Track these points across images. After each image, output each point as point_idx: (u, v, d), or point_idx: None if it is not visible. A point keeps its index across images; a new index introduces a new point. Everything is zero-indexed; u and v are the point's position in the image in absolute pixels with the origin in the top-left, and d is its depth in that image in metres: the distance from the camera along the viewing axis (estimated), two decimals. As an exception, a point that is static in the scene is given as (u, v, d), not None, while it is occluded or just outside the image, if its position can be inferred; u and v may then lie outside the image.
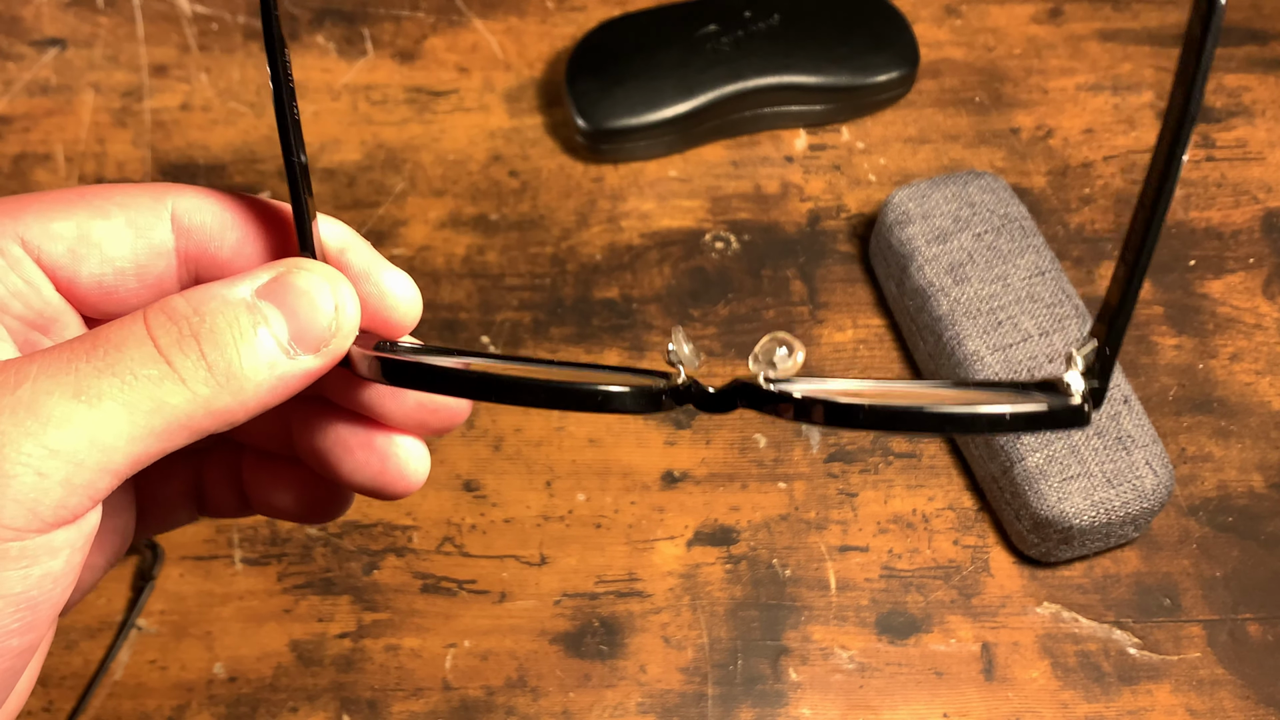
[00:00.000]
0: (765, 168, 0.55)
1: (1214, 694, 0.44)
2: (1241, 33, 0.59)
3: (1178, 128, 0.19)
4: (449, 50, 0.59)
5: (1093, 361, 0.21)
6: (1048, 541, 0.45)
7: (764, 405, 0.23)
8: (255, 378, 0.22)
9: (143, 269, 0.25)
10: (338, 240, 0.25)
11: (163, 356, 0.21)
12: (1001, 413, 0.21)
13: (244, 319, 0.22)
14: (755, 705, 0.44)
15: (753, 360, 0.23)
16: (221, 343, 0.22)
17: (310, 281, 0.23)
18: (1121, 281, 0.21)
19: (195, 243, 0.25)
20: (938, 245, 0.49)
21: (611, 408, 0.23)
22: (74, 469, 0.20)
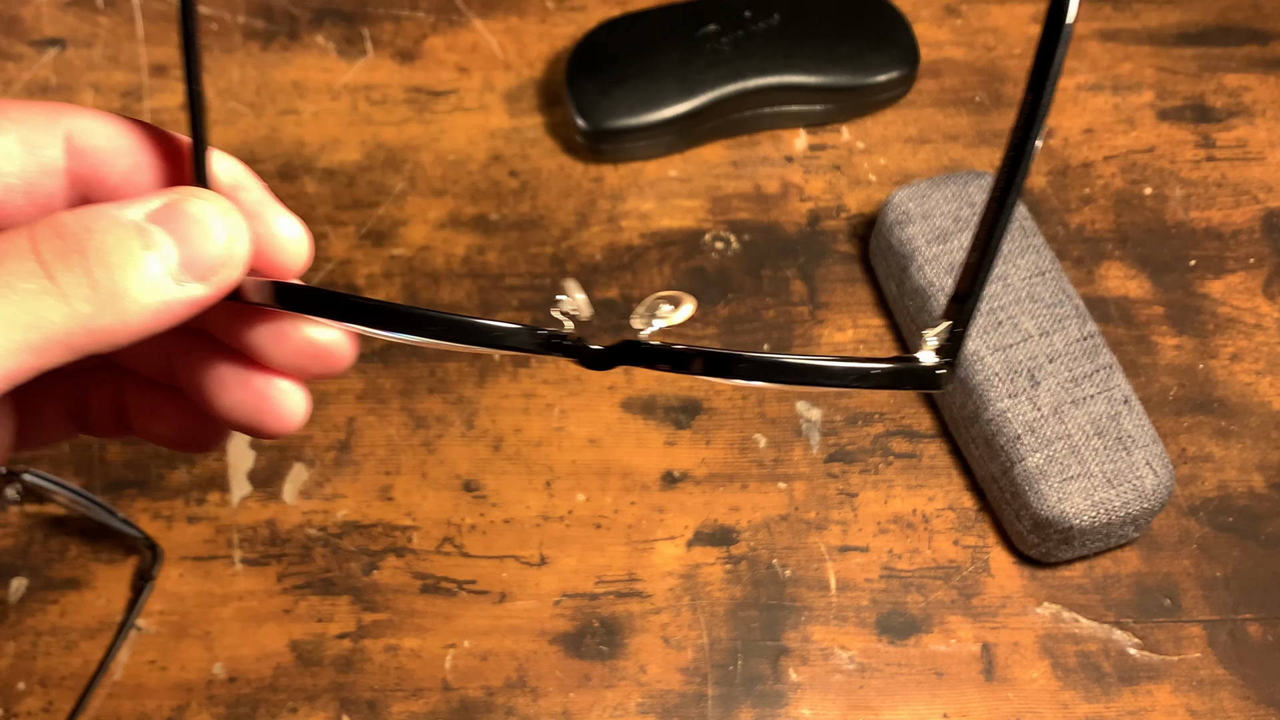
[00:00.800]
0: (765, 168, 0.55)
1: (1214, 694, 0.44)
2: (1242, 32, 0.59)
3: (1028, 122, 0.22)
4: (449, 50, 0.59)
5: (945, 340, 0.24)
6: (1048, 542, 0.45)
7: (645, 361, 0.24)
8: (140, 300, 0.22)
9: (31, 187, 0.24)
10: (231, 177, 0.25)
11: (45, 271, 0.21)
12: (867, 368, 0.23)
13: (133, 240, 0.22)
14: (755, 705, 0.44)
15: (636, 316, 0.24)
16: (109, 262, 0.22)
17: (204, 210, 0.23)
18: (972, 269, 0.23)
19: (87, 165, 0.25)
20: (938, 245, 0.49)
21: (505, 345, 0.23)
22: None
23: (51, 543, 0.47)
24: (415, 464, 0.49)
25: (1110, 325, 0.51)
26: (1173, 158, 0.56)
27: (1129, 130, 0.56)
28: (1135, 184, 0.55)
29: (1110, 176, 0.55)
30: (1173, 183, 0.55)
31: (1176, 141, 0.56)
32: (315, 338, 0.26)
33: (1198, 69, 0.58)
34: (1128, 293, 0.52)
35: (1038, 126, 0.21)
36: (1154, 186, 0.55)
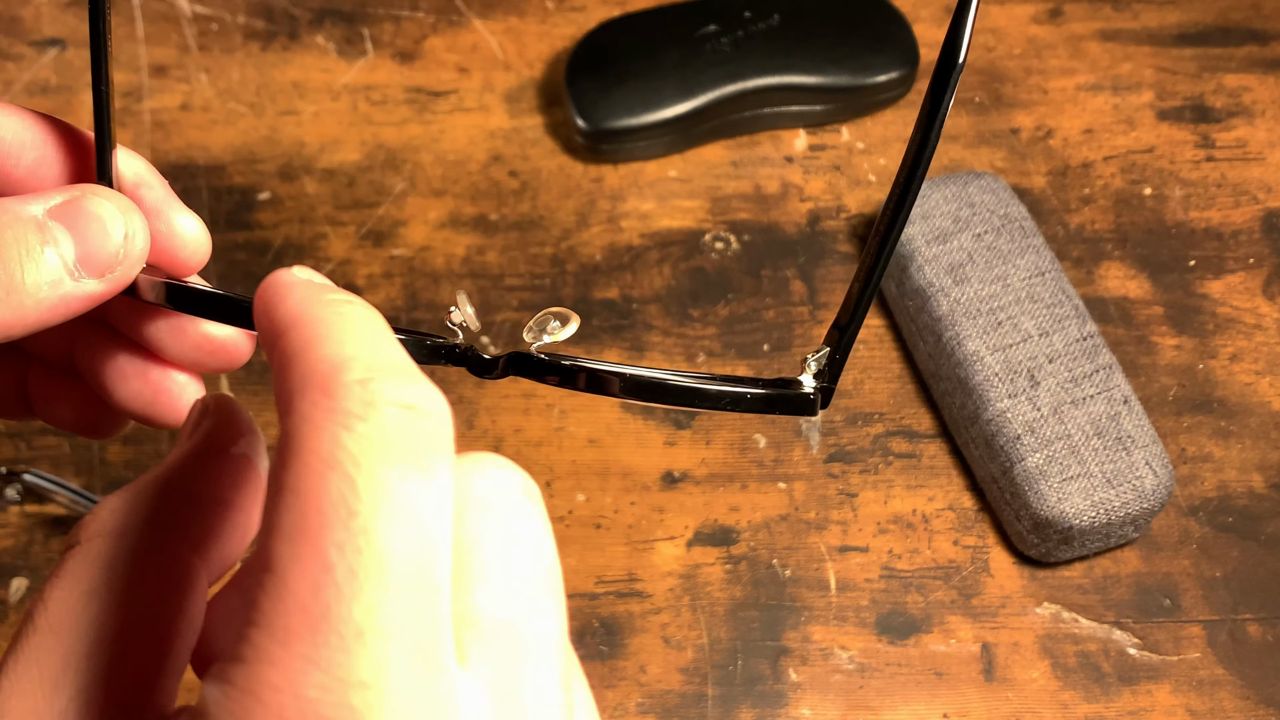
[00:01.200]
0: (765, 168, 0.55)
1: (1214, 694, 0.44)
2: (1242, 32, 0.59)
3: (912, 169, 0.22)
4: (449, 50, 0.59)
5: (824, 365, 0.24)
6: (1048, 542, 0.45)
7: (533, 373, 0.25)
8: (36, 294, 0.23)
9: None
10: (134, 175, 0.25)
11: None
12: (743, 392, 0.24)
13: (32, 236, 0.23)
14: (755, 706, 0.44)
15: (527, 330, 0.25)
16: (5, 256, 0.22)
17: (103, 207, 0.24)
18: (853, 300, 0.23)
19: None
20: (938, 245, 0.49)
21: None
22: None
23: (52, 543, 0.47)
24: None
25: (1110, 325, 0.51)
26: (1172, 158, 0.56)
27: (1129, 130, 0.56)
28: (1135, 184, 0.55)
29: (1110, 176, 0.55)
30: (1172, 183, 0.55)
31: (1176, 142, 0.56)
32: (212, 334, 0.26)
33: (1197, 69, 0.58)
34: (1127, 293, 0.52)
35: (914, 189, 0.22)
36: (1154, 187, 0.55)
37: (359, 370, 0.18)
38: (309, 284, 0.21)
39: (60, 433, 0.49)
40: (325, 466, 0.17)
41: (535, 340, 0.25)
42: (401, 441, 0.18)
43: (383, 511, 0.17)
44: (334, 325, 0.20)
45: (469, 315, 0.25)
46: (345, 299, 0.21)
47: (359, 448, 0.18)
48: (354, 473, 0.17)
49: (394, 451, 0.18)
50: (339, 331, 0.19)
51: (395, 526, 0.17)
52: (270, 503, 0.18)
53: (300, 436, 0.18)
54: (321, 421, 0.18)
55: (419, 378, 0.19)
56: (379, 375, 0.18)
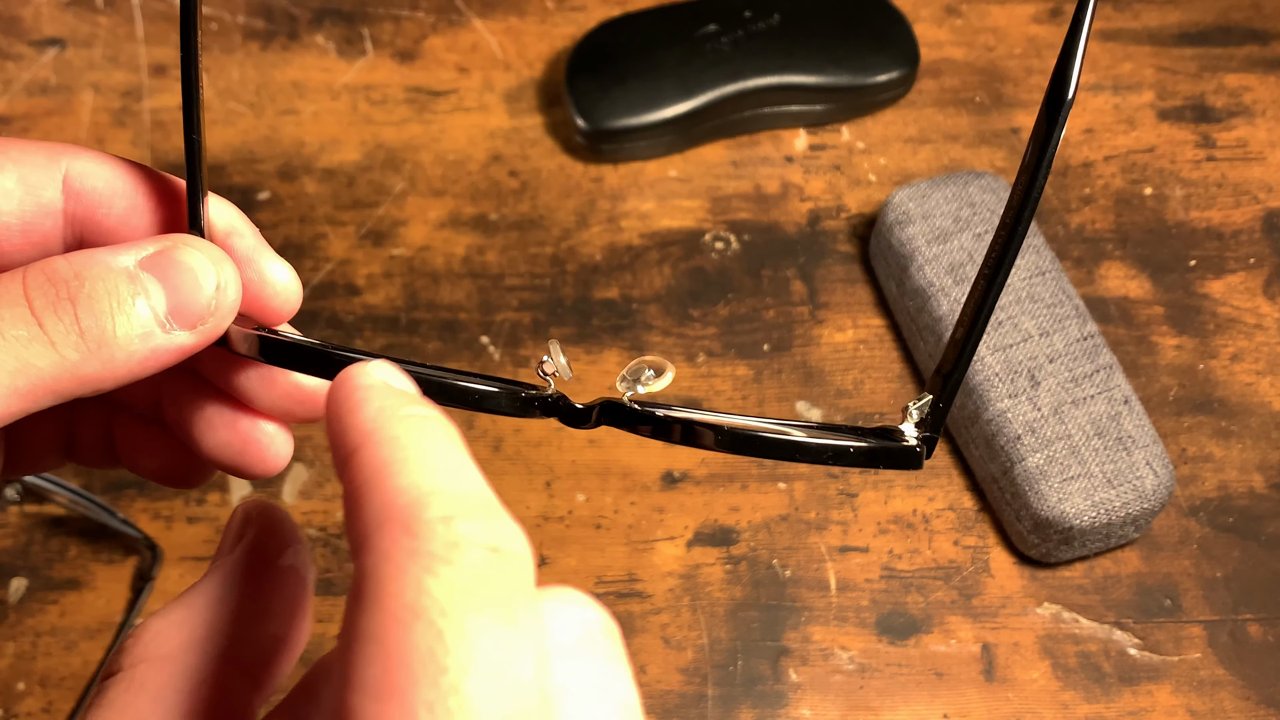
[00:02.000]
0: (765, 168, 0.55)
1: (1214, 694, 0.44)
2: (1242, 32, 0.59)
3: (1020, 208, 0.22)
4: (449, 50, 0.59)
5: (926, 414, 0.24)
6: (1048, 542, 0.45)
7: (626, 423, 0.24)
8: (127, 348, 0.22)
9: (29, 226, 0.24)
10: (226, 222, 0.25)
11: (35, 318, 0.22)
12: (846, 445, 0.23)
13: (124, 288, 0.22)
14: (755, 706, 0.44)
15: (620, 380, 0.25)
16: (97, 309, 0.22)
17: (195, 258, 0.23)
18: (958, 346, 0.23)
19: (84, 206, 0.25)
20: (938, 245, 0.49)
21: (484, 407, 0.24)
22: None
23: (51, 543, 0.47)
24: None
25: (1110, 325, 0.51)
26: (1173, 158, 0.56)
27: (1129, 130, 0.56)
28: (1135, 184, 0.55)
29: (1110, 176, 0.55)
30: (1173, 183, 0.55)
31: (1177, 141, 0.56)
32: (302, 384, 0.26)
33: (1198, 69, 0.58)
34: (1128, 293, 0.52)
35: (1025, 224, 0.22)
36: (1154, 186, 0.55)
37: (442, 507, 0.18)
38: (387, 391, 0.21)
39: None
40: (411, 615, 0.17)
41: (629, 390, 0.25)
42: (487, 587, 0.17)
43: (474, 668, 0.17)
44: (413, 449, 0.19)
45: (561, 365, 0.25)
46: (424, 414, 0.20)
47: (445, 595, 0.17)
48: (441, 624, 0.17)
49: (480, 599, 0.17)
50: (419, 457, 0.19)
51: (486, 684, 0.17)
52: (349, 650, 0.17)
53: (381, 579, 0.17)
54: (404, 563, 0.17)
55: (502, 515, 0.19)
56: (463, 513, 0.18)
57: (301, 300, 0.26)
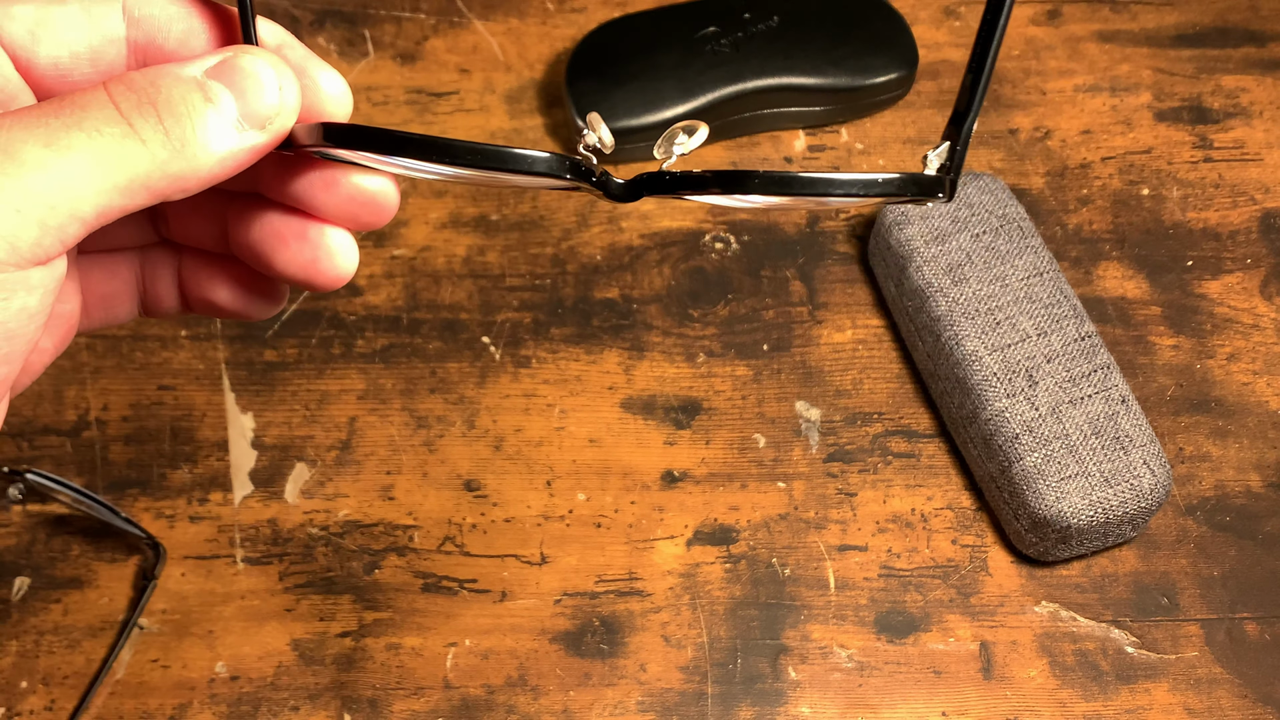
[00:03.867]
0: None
1: (1211, 693, 0.45)
2: (1239, 34, 0.59)
3: None
4: (449, 51, 0.59)
5: (945, 158, 0.26)
6: (1046, 541, 0.45)
7: (667, 190, 0.25)
8: (208, 148, 0.24)
9: (96, 54, 0.26)
10: (275, 38, 0.27)
11: (124, 118, 0.23)
12: (874, 179, 0.25)
13: (195, 95, 0.24)
14: (755, 704, 0.45)
15: (657, 148, 0.26)
16: (177, 113, 0.24)
17: (256, 64, 0.25)
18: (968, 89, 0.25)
19: (144, 32, 0.26)
20: (936, 246, 0.49)
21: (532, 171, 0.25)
22: (48, 211, 0.22)
23: (54, 542, 0.47)
24: (416, 463, 0.49)
25: (1108, 325, 0.51)
26: (1170, 159, 0.56)
27: (1126, 131, 0.56)
28: (1133, 185, 0.55)
29: (1108, 177, 0.55)
30: (1170, 183, 0.55)
31: (1174, 142, 0.56)
32: (363, 185, 0.27)
33: (1195, 70, 0.58)
34: (1125, 293, 0.52)
35: None
36: (1151, 187, 0.55)
37: None
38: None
39: (62, 431, 0.49)
40: None
41: (666, 157, 0.26)
42: None
43: None
44: None
45: (602, 136, 0.26)
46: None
47: None
48: None
49: None
50: None
51: None
52: None
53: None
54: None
55: None
56: None
57: (352, 104, 0.28)
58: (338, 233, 0.28)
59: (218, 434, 0.49)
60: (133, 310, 0.31)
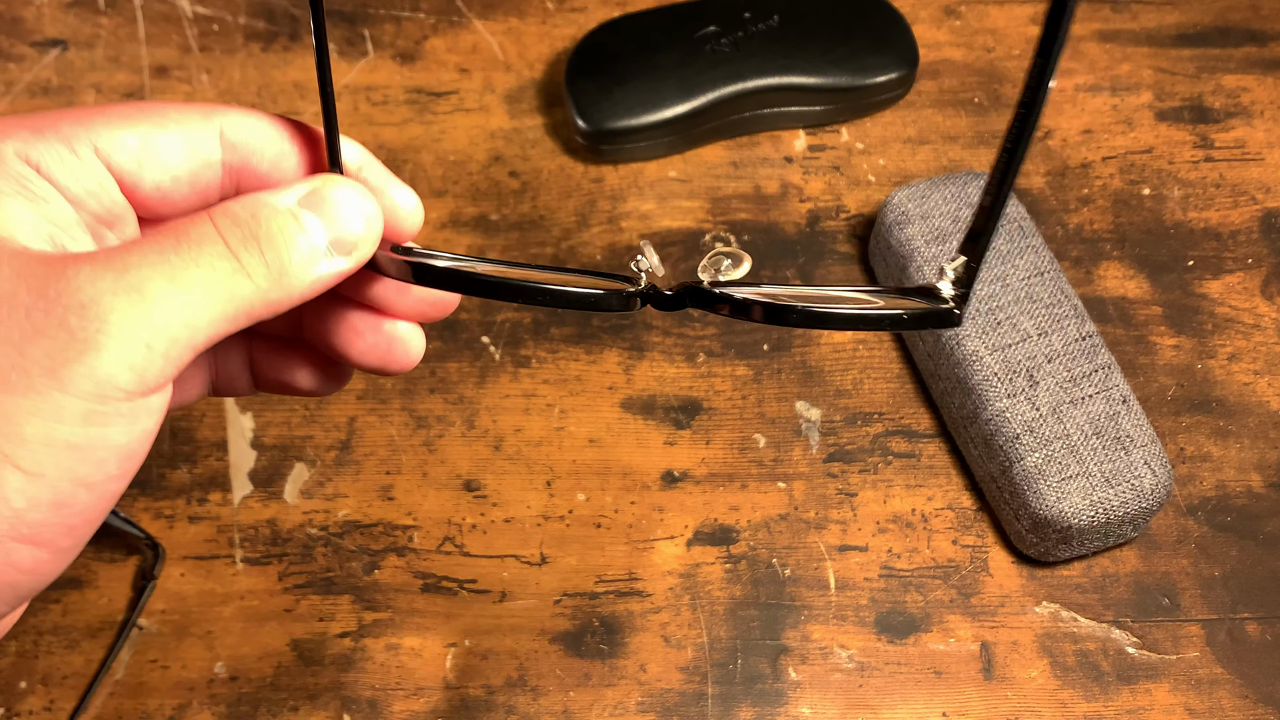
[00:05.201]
0: (765, 168, 0.56)
1: (1212, 693, 0.45)
2: (1240, 33, 0.59)
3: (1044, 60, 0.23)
4: (449, 51, 0.59)
5: (961, 273, 0.26)
6: (1046, 541, 0.45)
7: (709, 305, 0.27)
8: (302, 275, 0.26)
9: (195, 177, 0.28)
10: (356, 160, 0.29)
11: (232, 254, 0.25)
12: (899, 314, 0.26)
13: (291, 225, 0.26)
14: (755, 704, 0.45)
15: (701, 269, 0.28)
16: (275, 244, 0.26)
17: (345, 194, 0.27)
18: (985, 210, 0.25)
19: (239, 156, 0.28)
20: (937, 245, 0.49)
21: (598, 307, 0.28)
22: (170, 343, 0.24)
23: (53, 542, 0.47)
24: (416, 464, 0.49)
25: (1108, 325, 0.51)
26: (1171, 158, 0.56)
27: (1127, 131, 0.56)
28: (1133, 184, 0.55)
29: (1109, 177, 0.55)
30: (1171, 183, 0.55)
31: (1175, 142, 0.56)
32: (430, 293, 0.30)
33: (1196, 70, 0.58)
34: (1126, 293, 0.52)
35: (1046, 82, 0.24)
36: (1152, 187, 0.55)
37: None
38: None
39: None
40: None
41: (711, 278, 0.28)
42: None
43: None
44: None
45: (655, 264, 0.28)
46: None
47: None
48: None
49: None
50: None
51: None
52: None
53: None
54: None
55: None
56: None
57: (423, 217, 0.30)
58: (408, 325, 0.31)
59: (217, 434, 0.49)
60: (203, 392, 0.33)
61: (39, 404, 0.22)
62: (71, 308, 0.23)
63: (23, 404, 0.22)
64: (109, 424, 0.23)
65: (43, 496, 0.23)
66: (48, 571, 0.24)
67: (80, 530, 0.24)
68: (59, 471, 0.23)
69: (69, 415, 0.23)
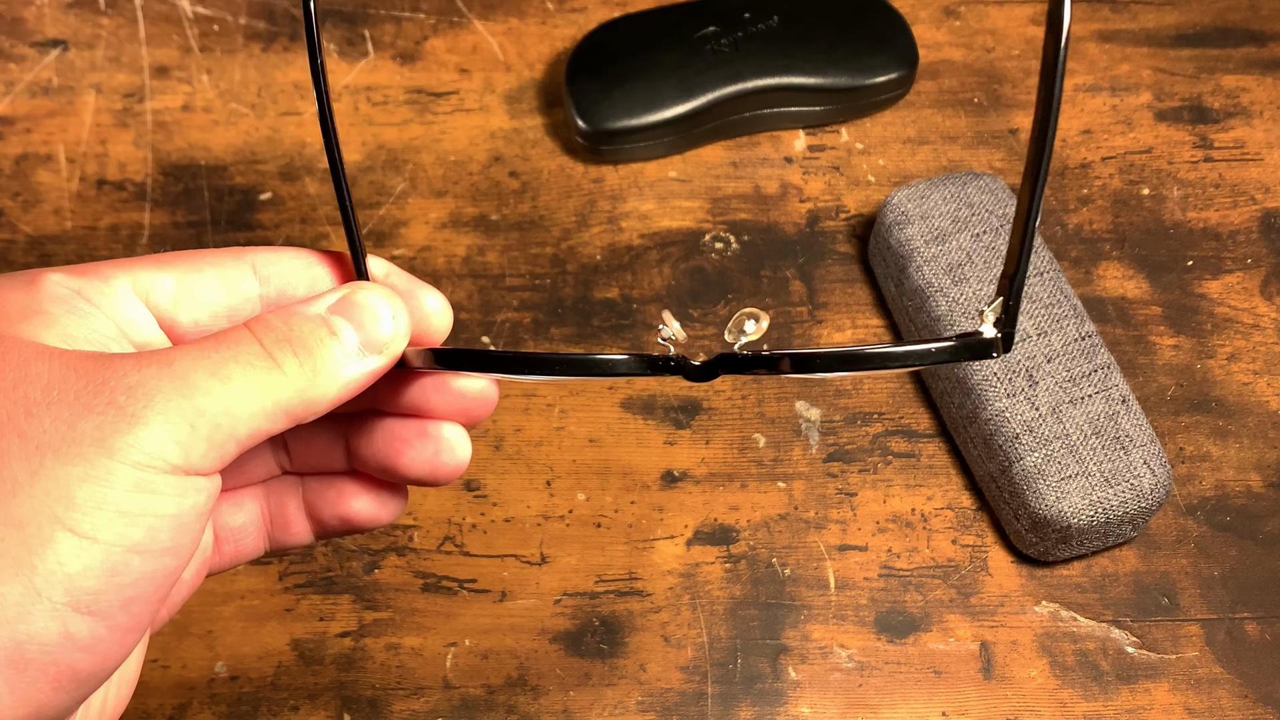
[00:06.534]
0: (765, 168, 0.56)
1: (1212, 693, 0.45)
2: (1240, 34, 0.59)
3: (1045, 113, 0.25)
4: (449, 51, 0.59)
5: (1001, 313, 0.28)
6: (1046, 541, 0.45)
7: (743, 369, 0.29)
8: (336, 375, 0.28)
9: (234, 311, 0.30)
10: (381, 269, 0.31)
11: (268, 354, 0.27)
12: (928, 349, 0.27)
13: (322, 330, 0.28)
14: (755, 704, 0.45)
15: (728, 333, 0.29)
16: (309, 346, 0.27)
17: (371, 298, 0.29)
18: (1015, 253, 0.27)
19: (276, 288, 0.30)
20: (936, 246, 0.49)
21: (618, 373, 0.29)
22: (214, 429, 0.25)
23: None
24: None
25: (1108, 325, 0.51)
26: (1170, 158, 0.56)
27: (1127, 131, 0.56)
28: (1133, 184, 0.55)
29: (1108, 177, 0.55)
30: (1170, 183, 0.55)
31: (1174, 142, 0.56)
32: (468, 388, 0.31)
33: (1195, 70, 0.58)
34: (1125, 293, 0.52)
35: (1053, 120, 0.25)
36: (1152, 187, 0.55)
37: None
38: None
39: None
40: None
41: (736, 340, 0.29)
42: None
43: None
44: None
45: (676, 331, 0.29)
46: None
47: None
48: None
49: None
50: None
51: None
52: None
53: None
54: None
55: None
56: None
57: (452, 320, 0.31)
58: (452, 428, 0.32)
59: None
60: (260, 545, 0.34)
61: (89, 470, 0.24)
62: (119, 389, 0.25)
63: (74, 471, 0.24)
64: (158, 491, 0.24)
65: (96, 561, 0.24)
66: (106, 653, 0.25)
67: (135, 606, 0.25)
68: (112, 535, 0.24)
69: (119, 482, 0.24)
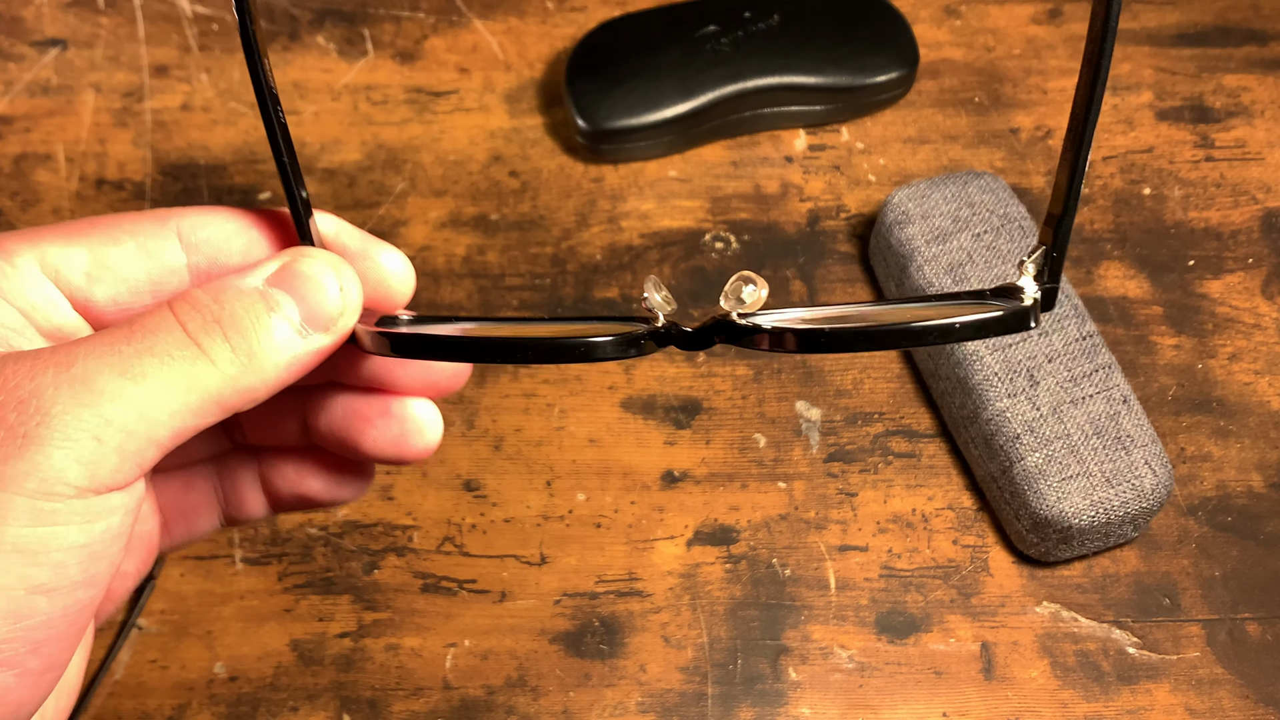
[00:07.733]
0: (765, 168, 0.56)
1: (1213, 693, 0.45)
2: (1241, 33, 0.59)
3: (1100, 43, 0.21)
4: (449, 51, 0.59)
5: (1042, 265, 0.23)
6: (1047, 541, 0.45)
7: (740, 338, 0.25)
8: (274, 358, 0.24)
9: (158, 285, 0.26)
10: (331, 229, 0.27)
11: (192, 340, 0.23)
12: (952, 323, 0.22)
13: (258, 305, 0.24)
14: (755, 704, 0.44)
15: (724, 298, 0.25)
16: (242, 327, 0.24)
17: (315, 267, 0.25)
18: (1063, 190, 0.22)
19: (205, 256, 0.27)
20: (937, 245, 0.49)
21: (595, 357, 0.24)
22: (125, 437, 0.22)
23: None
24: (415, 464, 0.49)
25: (1109, 325, 0.51)
26: (1171, 158, 0.56)
27: (1128, 130, 0.56)
28: (1134, 184, 0.55)
29: (1109, 177, 0.55)
30: (1171, 183, 0.55)
31: (1175, 142, 0.56)
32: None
33: (1196, 69, 0.58)
34: (1126, 292, 0.52)
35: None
36: (1153, 187, 0.55)
37: None
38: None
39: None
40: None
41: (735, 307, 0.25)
42: None
43: None
44: None
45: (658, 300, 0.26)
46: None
47: None
48: None
49: None
50: None
51: None
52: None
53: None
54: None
55: None
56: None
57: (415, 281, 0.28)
58: (420, 403, 0.28)
59: (217, 434, 0.49)
60: (214, 522, 0.31)
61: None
62: (9, 404, 0.21)
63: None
64: (61, 522, 0.21)
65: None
66: (20, 700, 0.22)
67: (49, 648, 0.22)
68: (10, 578, 0.21)
69: (14, 515, 0.21)
